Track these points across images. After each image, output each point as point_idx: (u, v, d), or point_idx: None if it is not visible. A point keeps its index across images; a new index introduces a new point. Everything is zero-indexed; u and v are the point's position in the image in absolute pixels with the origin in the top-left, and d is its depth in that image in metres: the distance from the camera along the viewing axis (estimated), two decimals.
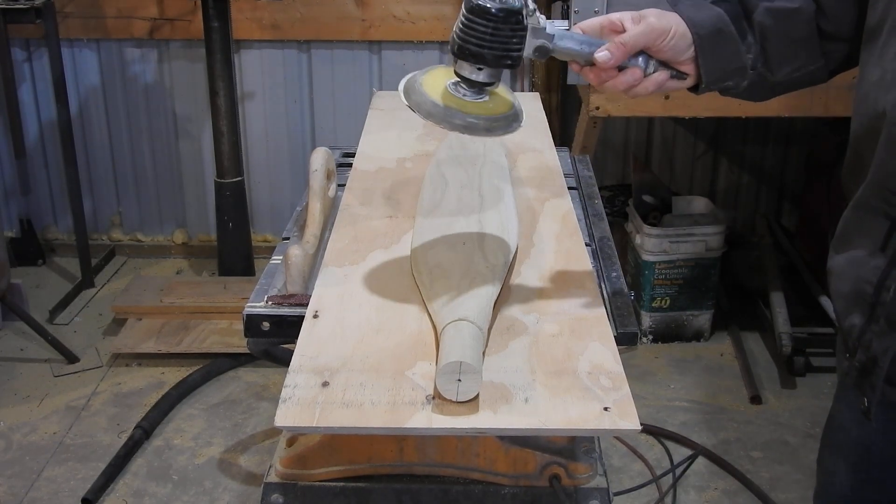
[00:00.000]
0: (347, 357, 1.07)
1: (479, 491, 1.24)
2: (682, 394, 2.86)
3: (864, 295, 1.10)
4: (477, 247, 1.26)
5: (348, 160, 1.80)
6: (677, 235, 3.03)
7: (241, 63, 3.50)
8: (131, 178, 3.74)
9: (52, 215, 3.80)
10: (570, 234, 1.40)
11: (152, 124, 3.65)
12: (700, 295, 3.10)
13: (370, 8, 3.39)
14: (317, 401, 0.99)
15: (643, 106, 2.63)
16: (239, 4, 3.31)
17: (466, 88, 1.10)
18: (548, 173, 1.66)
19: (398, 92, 1.12)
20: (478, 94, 1.10)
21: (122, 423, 2.68)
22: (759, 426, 2.68)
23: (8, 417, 2.73)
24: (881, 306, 1.07)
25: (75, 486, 2.42)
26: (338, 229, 1.42)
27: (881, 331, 1.08)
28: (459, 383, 0.97)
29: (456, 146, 1.70)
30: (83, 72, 3.56)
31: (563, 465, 1.22)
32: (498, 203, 1.42)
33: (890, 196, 1.04)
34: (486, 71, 1.09)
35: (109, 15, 3.43)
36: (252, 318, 1.27)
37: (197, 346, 2.99)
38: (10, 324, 3.17)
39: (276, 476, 1.26)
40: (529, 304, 1.19)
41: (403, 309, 1.17)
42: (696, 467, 2.47)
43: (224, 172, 3.25)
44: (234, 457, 2.56)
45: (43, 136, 3.65)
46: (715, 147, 3.62)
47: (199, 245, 3.80)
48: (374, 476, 1.25)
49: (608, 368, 1.06)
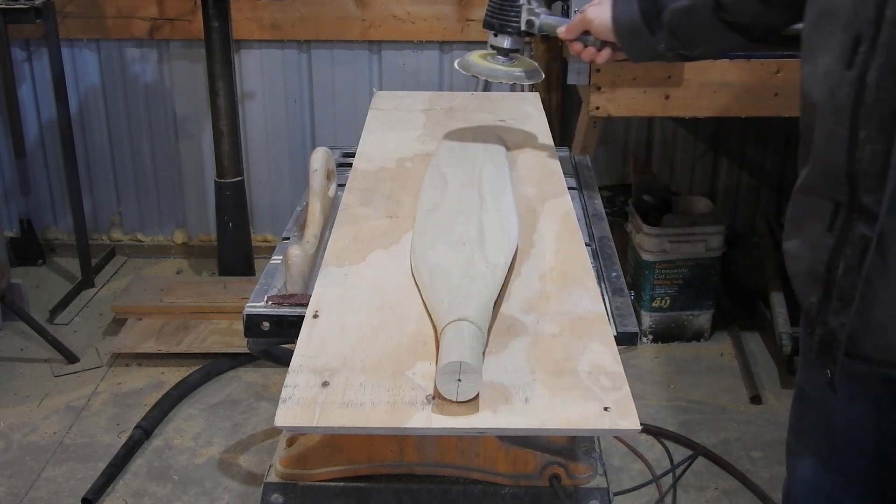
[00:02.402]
0: (347, 357, 1.07)
1: (479, 491, 1.24)
2: (682, 394, 2.86)
3: (817, 274, 1.16)
4: (477, 247, 1.26)
5: (348, 160, 1.80)
6: (677, 235, 3.03)
7: (241, 63, 3.50)
8: (131, 178, 3.74)
9: (52, 215, 3.80)
10: (570, 234, 1.40)
11: (152, 124, 3.65)
12: (700, 295, 3.10)
13: (370, 8, 3.39)
14: (317, 401, 0.99)
15: (643, 106, 2.63)
16: (239, 4, 3.31)
17: (496, 56, 1.65)
18: (548, 173, 1.66)
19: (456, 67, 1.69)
20: (507, 59, 1.65)
21: (122, 423, 2.68)
22: (759, 426, 2.68)
23: (8, 417, 2.73)
24: (833, 284, 1.13)
25: (75, 486, 2.42)
26: (338, 229, 1.42)
27: (836, 307, 1.14)
28: (459, 383, 0.97)
29: (456, 146, 1.70)
30: (83, 72, 3.57)
31: (563, 465, 1.22)
32: (498, 203, 1.42)
33: (832, 181, 1.11)
34: (500, 37, 1.62)
35: (109, 15, 3.43)
36: (252, 318, 1.27)
37: (197, 346, 2.99)
38: (10, 324, 3.17)
39: (276, 476, 1.26)
40: (529, 304, 1.19)
41: (403, 309, 1.17)
42: (696, 467, 2.47)
43: (224, 172, 3.25)
44: (234, 457, 2.56)
45: (43, 136, 3.65)
46: (715, 147, 3.62)
47: (199, 245, 3.80)
48: (374, 476, 1.25)
49: (608, 368, 1.06)
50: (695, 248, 3.05)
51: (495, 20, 1.60)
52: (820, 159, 1.13)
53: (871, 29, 1.00)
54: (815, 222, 1.16)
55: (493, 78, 1.63)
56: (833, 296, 1.14)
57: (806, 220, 1.19)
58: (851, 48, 1.03)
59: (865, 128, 1.04)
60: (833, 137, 1.09)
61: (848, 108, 1.05)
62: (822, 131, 1.11)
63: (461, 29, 3.37)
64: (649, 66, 2.58)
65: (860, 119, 1.04)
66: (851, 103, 1.05)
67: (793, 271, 1.23)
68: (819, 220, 1.15)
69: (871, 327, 1.13)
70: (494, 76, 1.63)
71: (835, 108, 1.07)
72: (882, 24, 0.99)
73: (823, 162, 1.13)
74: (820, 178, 1.14)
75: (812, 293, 1.18)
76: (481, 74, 1.64)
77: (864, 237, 1.08)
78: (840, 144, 1.08)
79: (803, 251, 1.20)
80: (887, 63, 1.00)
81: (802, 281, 1.21)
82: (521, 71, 1.64)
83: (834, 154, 1.09)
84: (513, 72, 1.63)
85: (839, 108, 1.06)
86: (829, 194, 1.13)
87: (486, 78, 1.64)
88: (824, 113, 1.10)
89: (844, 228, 1.11)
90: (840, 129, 1.07)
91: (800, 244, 1.21)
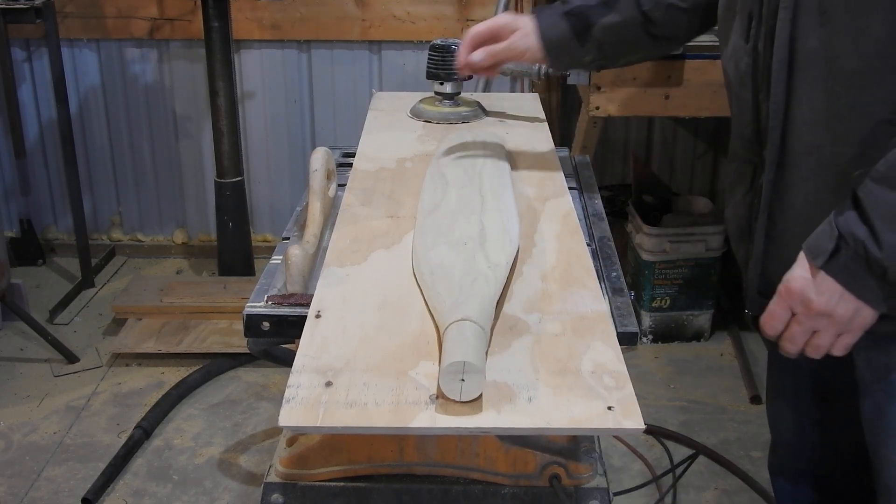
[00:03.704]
0: (350, 357, 1.07)
1: (479, 491, 1.24)
2: (682, 394, 2.86)
3: (743, 228, 1.34)
4: (478, 247, 1.26)
5: (348, 160, 1.80)
6: (677, 235, 3.03)
7: (241, 63, 3.50)
8: (131, 178, 3.74)
9: (52, 215, 3.80)
10: (570, 234, 1.40)
11: (152, 124, 3.64)
12: (700, 295, 3.11)
13: (370, 8, 3.39)
14: (320, 401, 0.99)
15: (643, 106, 2.63)
16: (239, 4, 3.31)
17: (442, 101, 1.95)
18: (548, 173, 1.66)
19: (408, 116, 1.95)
20: (452, 102, 1.95)
21: (122, 423, 2.68)
22: (759, 426, 2.68)
23: (8, 417, 2.73)
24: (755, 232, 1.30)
25: (75, 486, 2.42)
26: (339, 229, 1.41)
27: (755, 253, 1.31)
28: (463, 383, 0.97)
29: (456, 146, 1.70)
30: (83, 72, 3.56)
31: (563, 465, 1.22)
32: (499, 203, 1.42)
33: (748, 144, 1.28)
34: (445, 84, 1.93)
35: (109, 15, 3.43)
36: (252, 318, 1.27)
37: (197, 346, 2.99)
38: (10, 324, 3.17)
39: (276, 476, 1.26)
40: (531, 304, 1.19)
41: (405, 309, 1.17)
42: (696, 467, 2.46)
43: (224, 172, 3.25)
44: (234, 457, 2.56)
45: (43, 136, 3.65)
46: (715, 147, 3.62)
47: (199, 245, 3.80)
48: (374, 476, 1.25)
49: (611, 368, 1.06)
50: (695, 248, 3.05)
51: (440, 71, 1.91)
52: (737, 126, 1.30)
53: (757, 6, 1.20)
54: (741, 185, 1.33)
55: (444, 121, 1.91)
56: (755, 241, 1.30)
57: (736, 186, 1.36)
58: (747, 25, 1.23)
59: (763, 89, 1.21)
60: (742, 104, 1.26)
61: (749, 76, 1.23)
62: (734, 101, 1.29)
63: (461, 29, 3.37)
64: (649, 66, 2.58)
65: (758, 84, 1.21)
66: (751, 70, 1.22)
67: (730, 234, 1.42)
68: (742, 183, 1.32)
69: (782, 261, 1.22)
70: (446, 119, 1.91)
71: (740, 77, 1.25)
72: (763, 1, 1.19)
73: (740, 129, 1.29)
74: (740, 144, 1.30)
75: (741, 248, 1.37)
76: (433, 119, 1.92)
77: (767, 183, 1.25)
78: (748, 109, 1.25)
79: (732, 213, 1.38)
80: (767, 31, 1.19)
81: (734, 240, 1.40)
82: (468, 110, 1.94)
83: (744, 119, 1.26)
84: (461, 112, 1.93)
85: (742, 76, 1.24)
86: (747, 157, 1.29)
87: (436, 122, 1.91)
88: (734, 84, 1.28)
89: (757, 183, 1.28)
90: (745, 94, 1.25)
91: (731, 209, 1.39)
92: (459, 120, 1.92)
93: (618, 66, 1.68)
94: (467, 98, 1.99)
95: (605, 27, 1.48)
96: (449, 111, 1.94)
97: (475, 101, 2.00)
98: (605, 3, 1.48)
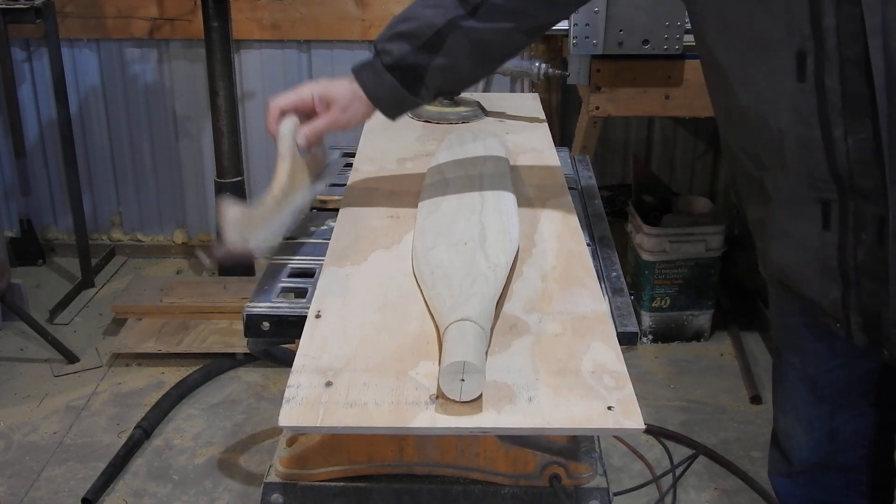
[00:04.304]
0: (350, 357, 1.07)
1: (479, 491, 1.24)
2: (682, 394, 2.86)
3: (830, 270, 1.23)
4: (478, 247, 1.26)
5: (348, 160, 1.80)
6: (677, 235, 3.03)
7: (241, 63, 3.50)
8: (131, 178, 3.74)
9: (52, 215, 3.80)
10: (570, 234, 1.40)
11: (152, 124, 3.65)
12: (700, 295, 3.11)
13: (370, 8, 3.39)
14: (320, 401, 0.99)
15: (643, 106, 2.63)
16: (239, 4, 3.31)
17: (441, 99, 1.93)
18: (548, 173, 1.66)
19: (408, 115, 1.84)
20: (451, 102, 1.96)
21: (122, 423, 2.68)
22: (759, 426, 2.68)
23: (8, 417, 2.73)
24: (856, 271, 1.20)
25: (75, 486, 2.42)
26: (339, 229, 1.42)
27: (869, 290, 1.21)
28: (463, 383, 0.97)
29: (456, 147, 1.70)
30: (83, 72, 3.57)
31: (563, 465, 1.22)
32: (499, 203, 1.42)
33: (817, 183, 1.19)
34: None
35: (109, 15, 3.43)
36: (252, 317, 1.27)
37: (197, 346, 2.99)
38: (10, 324, 3.17)
39: (276, 476, 1.26)
40: (531, 304, 1.19)
41: (405, 309, 1.17)
42: (696, 467, 2.47)
43: (224, 172, 3.25)
44: (234, 457, 2.56)
45: (43, 136, 3.65)
46: (715, 147, 3.62)
47: (200, 245, 3.80)
48: (374, 476, 1.25)
49: (611, 368, 1.06)
50: (695, 248, 3.05)
51: None
52: (797, 166, 1.20)
53: (812, 43, 1.11)
54: (805, 226, 1.23)
55: (444, 121, 1.93)
56: (861, 281, 1.20)
57: (791, 227, 1.26)
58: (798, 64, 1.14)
59: (839, 125, 1.13)
60: (809, 143, 1.16)
61: (815, 114, 1.14)
62: (792, 142, 1.19)
63: None
64: (649, 65, 2.58)
65: (830, 120, 1.13)
66: (816, 109, 1.14)
67: (794, 277, 1.30)
68: (808, 223, 1.23)
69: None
70: (446, 119, 1.93)
71: (802, 118, 1.16)
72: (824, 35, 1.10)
73: (802, 168, 1.20)
74: (805, 183, 1.21)
75: (830, 290, 1.25)
76: (433, 119, 1.93)
77: (879, 217, 1.15)
78: (816, 147, 1.16)
79: (794, 257, 1.28)
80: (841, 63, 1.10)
81: (811, 283, 1.27)
82: (468, 110, 1.95)
83: (813, 160, 1.17)
84: (461, 112, 1.95)
85: (805, 117, 1.15)
86: (813, 196, 1.20)
87: (436, 122, 1.92)
88: (791, 125, 1.18)
89: (844, 220, 1.18)
90: (812, 133, 1.15)
91: (788, 251, 1.29)
92: (459, 120, 1.93)
93: (458, 91, 1.76)
94: (467, 98, 2.00)
95: (439, 69, 1.38)
96: (449, 111, 1.95)
97: (475, 101, 2.01)
98: (427, 46, 1.36)
